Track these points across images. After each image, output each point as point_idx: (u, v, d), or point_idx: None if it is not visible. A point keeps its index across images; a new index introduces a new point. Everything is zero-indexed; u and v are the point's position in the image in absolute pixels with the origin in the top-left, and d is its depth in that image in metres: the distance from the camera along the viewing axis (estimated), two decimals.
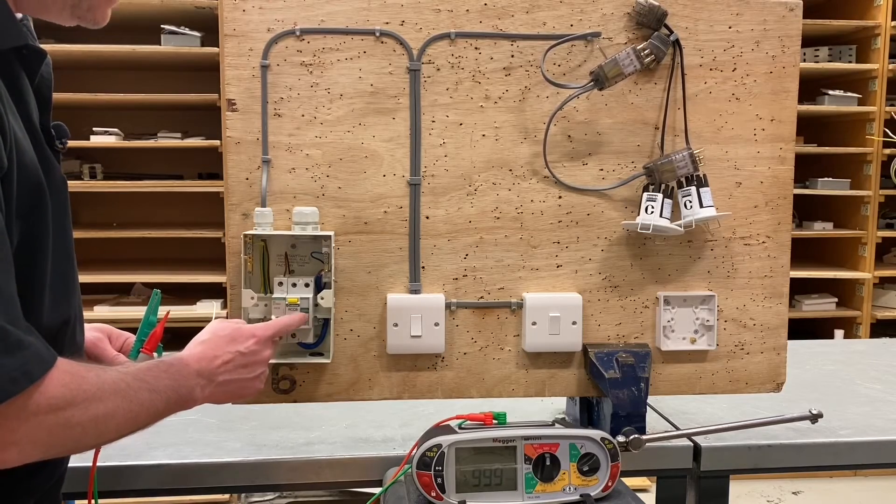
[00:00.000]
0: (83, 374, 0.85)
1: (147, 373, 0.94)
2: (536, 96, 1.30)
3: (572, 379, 1.36)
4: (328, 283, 1.24)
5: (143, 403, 0.91)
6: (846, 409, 1.54)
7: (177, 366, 0.99)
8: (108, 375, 0.88)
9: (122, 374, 0.90)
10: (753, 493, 3.56)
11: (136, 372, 0.93)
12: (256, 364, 1.09)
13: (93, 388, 0.85)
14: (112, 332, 1.17)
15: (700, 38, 1.32)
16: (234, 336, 1.08)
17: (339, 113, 1.27)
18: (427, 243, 1.30)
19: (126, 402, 0.88)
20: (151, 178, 3.48)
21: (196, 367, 1.02)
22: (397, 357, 1.31)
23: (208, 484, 1.27)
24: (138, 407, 0.90)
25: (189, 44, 3.27)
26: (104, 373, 0.88)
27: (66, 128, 1.00)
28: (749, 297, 1.37)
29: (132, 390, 0.89)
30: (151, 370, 0.95)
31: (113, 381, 0.88)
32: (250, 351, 1.08)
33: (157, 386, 0.94)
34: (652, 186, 1.31)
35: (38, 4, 0.92)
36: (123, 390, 0.88)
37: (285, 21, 1.24)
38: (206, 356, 1.04)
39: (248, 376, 1.08)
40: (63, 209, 0.94)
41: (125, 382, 0.89)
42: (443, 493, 1.11)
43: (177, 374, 0.98)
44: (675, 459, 1.33)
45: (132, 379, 0.91)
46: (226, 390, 1.06)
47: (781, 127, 1.36)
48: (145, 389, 0.91)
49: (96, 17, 0.95)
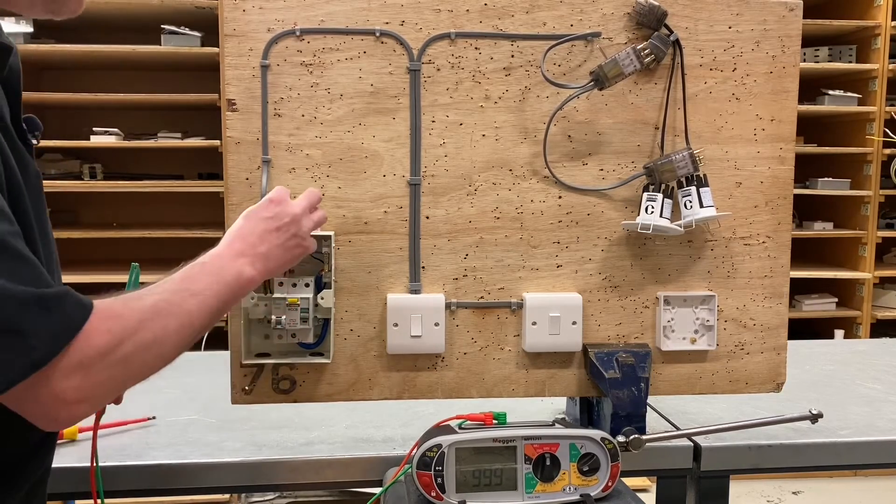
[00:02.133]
0: (120, 312, 0.84)
1: (184, 281, 0.94)
2: (536, 96, 1.30)
3: (572, 379, 1.36)
4: (328, 283, 1.24)
5: (192, 312, 0.91)
6: (846, 409, 1.54)
7: (209, 260, 0.99)
8: (145, 302, 0.88)
9: (160, 292, 0.90)
10: (753, 493, 3.56)
11: (171, 286, 0.92)
12: (287, 225, 1.09)
13: (134, 321, 0.84)
14: None
15: (700, 38, 1.32)
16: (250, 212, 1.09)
17: (339, 113, 1.27)
18: (427, 243, 1.30)
19: (174, 319, 0.88)
20: (151, 178, 3.48)
21: (230, 251, 1.02)
22: (397, 357, 1.31)
23: (208, 484, 1.27)
24: (187, 316, 0.90)
25: (189, 44, 3.27)
26: (140, 301, 0.88)
27: (38, 120, 0.98)
28: (749, 297, 1.37)
29: (175, 305, 0.89)
30: (187, 276, 0.95)
31: (152, 305, 0.87)
32: (274, 214, 1.08)
33: (199, 287, 0.94)
34: (652, 186, 1.31)
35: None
36: (165, 308, 0.88)
37: (285, 21, 1.24)
38: (234, 238, 1.04)
39: (287, 236, 1.08)
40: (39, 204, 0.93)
41: (165, 300, 0.89)
42: (443, 493, 1.11)
43: (213, 268, 0.98)
44: (675, 459, 1.33)
45: (171, 294, 0.90)
46: (277, 258, 1.06)
47: (781, 127, 1.36)
48: (188, 297, 0.91)
49: (71, 5, 0.92)
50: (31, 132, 0.96)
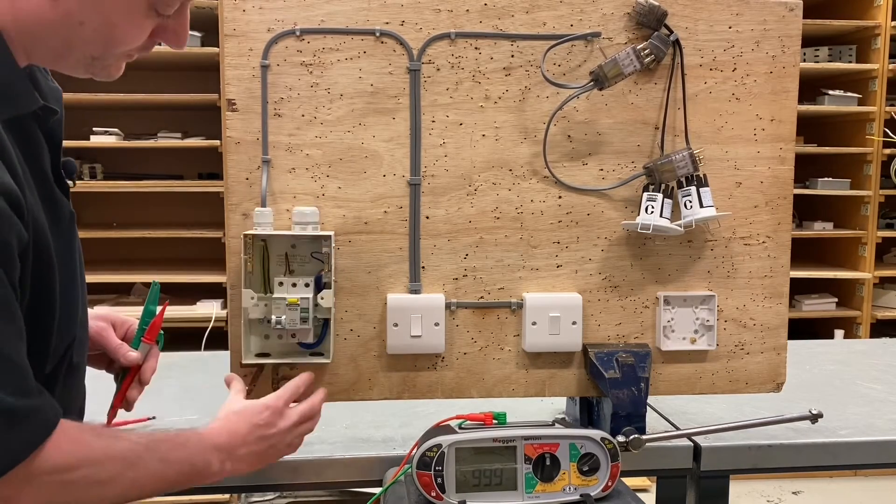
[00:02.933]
0: (88, 441, 0.90)
1: (162, 443, 0.98)
2: (536, 96, 1.30)
3: (572, 379, 1.36)
4: (328, 283, 1.24)
5: (152, 473, 0.95)
6: (846, 409, 1.54)
7: (194, 439, 1.03)
8: (118, 445, 0.93)
9: (135, 443, 0.95)
10: (753, 493, 3.56)
11: (150, 442, 0.97)
12: (275, 435, 1.11)
13: (97, 453, 0.90)
14: (116, 319, 1.19)
15: (700, 38, 1.32)
16: (248, 411, 1.11)
17: (339, 113, 1.27)
18: (427, 243, 1.30)
19: (132, 471, 0.92)
20: (151, 178, 3.48)
21: (214, 441, 1.05)
22: (397, 357, 1.31)
23: (208, 484, 1.26)
24: (145, 476, 0.94)
25: (189, 44, 3.27)
26: (116, 441, 0.93)
27: (75, 163, 1.03)
28: (749, 297, 1.37)
29: (142, 460, 0.94)
30: (168, 441, 0.99)
31: (122, 450, 0.93)
32: (266, 422, 1.11)
33: (170, 457, 0.98)
34: (652, 186, 1.31)
35: (51, 59, 0.92)
36: (132, 459, 0.93)
37: (285, 21, 1.24)
38: (224, 431, 1.07)
39: (268, 445, 1.11)
40: (69, 246, 0.97)
41: (135, 453, 0.94)
42: (443, 493, 1.11)
43: (193, 448, 1.02)
44: (675, 459, 1.33)
45: (144, 449, 0.95)
46: (249, 463, 1.09)
47: (781, 127, 1.36)
48: (156, 460, 0.96)
49: (110, 72, 0.96)
50: (69, 176, 1.00)
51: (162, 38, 0.96)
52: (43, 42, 0.88)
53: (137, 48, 0.94)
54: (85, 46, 0.90)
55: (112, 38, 0.90)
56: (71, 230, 0.98)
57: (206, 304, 3.31)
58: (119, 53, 0.93)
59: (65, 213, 0.97)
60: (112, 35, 0.90)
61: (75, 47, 0.89)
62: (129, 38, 0.92)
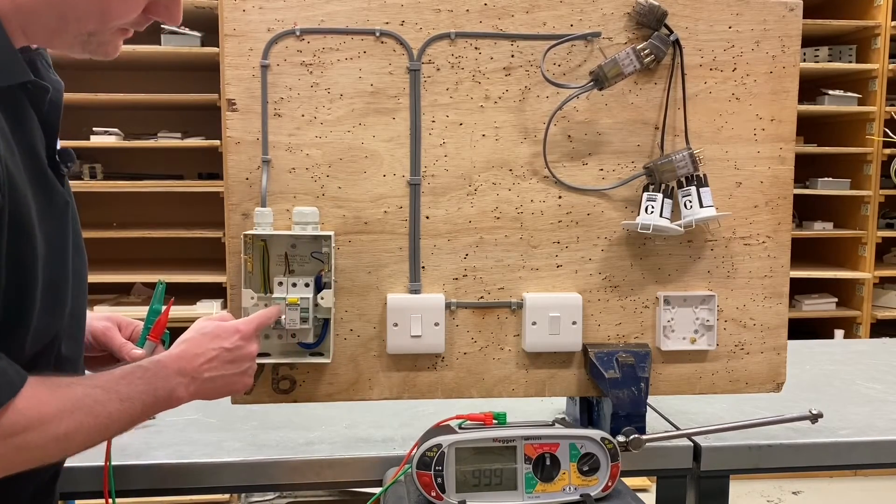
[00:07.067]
0: (43, 397, 0.87)
1: (120, 381, 0.96)
2: (536, 96, 1.30)
3: (572, 379, 1.36)
4: (328, 283, 1.24)
5: (112, 415, 0.93)
6: (846, 409, 1.54)
7: (153, 369, 1.00)
8: (73, 392, 0.91)
9: (91, 387, 0.93)
10: (753, 493, 3.56)
11: (106, 383, 0.95)
12: (242, 359, 1.10)
13: (53, 409, 0.87)
14: (121, 321, 1.19)
15: (700, 38, 1.32)
16: (217, 332, 1.09)
17: (339, 113, 1.27)
18: (427, 243, 1.30)
19: (91, 417, 0.91)
20: (151, 178, 3.48)
21: (176, 366, 1.02)
22: (397, 357, 1.31)
23: (208, 484, 1.27)
24: (107, 419, 0.92)
25: (189, 44, 3.27)
26: (70, 390, 0.91)
27: (72, 152, 1.02)
28: (749, 297, 1.37)
29: (99, 404, 0.92)
30: (126, 377, 0.97)
31: (78, 398, 0.90)
32: (235, 346, 1.09)
33: (130, 393, 0.95)
34: (652, 186, 1.31)
35: (47, 36, 0.93)
36: (89, 405, 0.91)
37: (285, 21, 1.24)
38: (186, 354, 1.05)
39: (235, 371, 1.09)
40: (61, 232, 0.96)
41: (92, 397, 0.92)
42: (443, 493, 1.11)
43: (153, 378, 0.99)
44: (675, 459, 1.33)
45: (101, 392, 0.93)
46: (213, 387, 1.07)
47: (781, 127, 1.36)
48: (115, 400, 0.94)
49: (107, 50, 0.96)
50: (65, 163, 0.99)
51: (154, 13, 0.96)
52: (38, 18, 0.89)
53: (132, 23, 0.95)
54: (79, 22, 0.90)
55: (106, 12, 0.91)
56: (64, 217, 0.97)
57: (206, 304, 3.31)
58: (114, 29, 0.94)
59: (58, 199, 0.96)
60: (106, 9, 0.91)
61: (70, 22, 0.90)
62: (122, 12, 0.92)
